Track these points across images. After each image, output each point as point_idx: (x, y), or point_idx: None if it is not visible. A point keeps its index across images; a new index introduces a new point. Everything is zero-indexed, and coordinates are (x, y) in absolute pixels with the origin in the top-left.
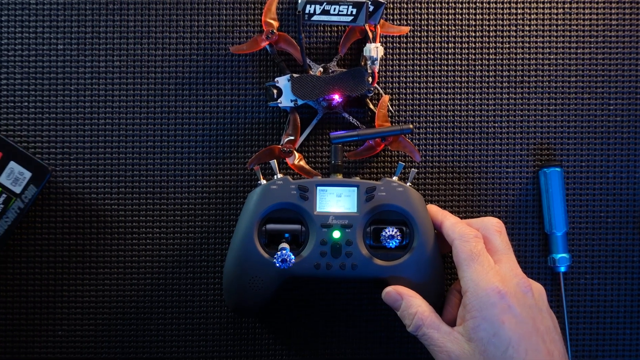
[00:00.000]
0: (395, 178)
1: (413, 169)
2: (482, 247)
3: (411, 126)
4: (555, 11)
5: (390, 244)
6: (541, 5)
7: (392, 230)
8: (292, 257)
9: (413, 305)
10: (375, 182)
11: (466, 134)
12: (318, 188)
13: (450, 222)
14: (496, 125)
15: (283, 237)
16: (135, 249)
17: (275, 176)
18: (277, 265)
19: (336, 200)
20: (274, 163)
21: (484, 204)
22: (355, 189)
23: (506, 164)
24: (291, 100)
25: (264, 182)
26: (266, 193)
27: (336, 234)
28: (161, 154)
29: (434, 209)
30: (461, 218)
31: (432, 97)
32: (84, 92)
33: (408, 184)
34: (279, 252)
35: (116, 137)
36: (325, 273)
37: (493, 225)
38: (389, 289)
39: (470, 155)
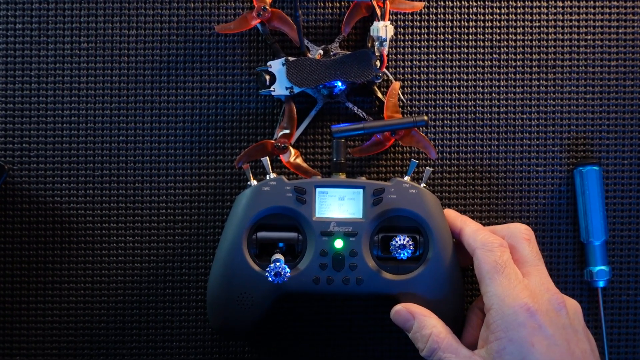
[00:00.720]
0: (407, 178)
1: (428, 168)
2: (508, 258)
3: (426, 118)
4: None
5: (402, 255)
6: None
7: (404, 239)
8: (288, 270)
9: (427, 326)
10: (383, 182)
11: (489, 127)
12: (317, 190)
13: (471, 229)
14: (524, 116)
15: (277, 247)
16: (105, 261)
17: (267, 176)
18: (270, 279)
19: (338, 204)
20: (266, 161)
21: (510, 208)
22: (361, 190)
23: (536, 161)
24: (286, 88)
25: (254, 182)
26: (257, 196)
27: (338, 244)
28: (135, 151)
29: (452, 214)
30: (484, 224)
31: (450, 84)
32: (45, 79)
33: (422, 185)
34: (272, 265)
35: (83, 131)
36: (326, 289)
37: (521, 233)
38: (399, 307)
39: (494, 151)
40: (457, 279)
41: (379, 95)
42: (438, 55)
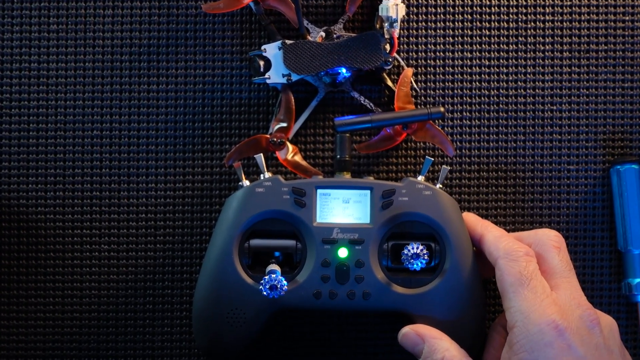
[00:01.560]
0: (421, 178)
1: (444, 166)
2: (535, 269)
3: (442, 109)
4: None
5: (415, 266)
6: None
7: (417, 247)
8: (285, 283)
9: (438, 350)
10: (394, 183)
11: (514, 121)
12: (318, 191)
13: (493, 236)
14: (554, 108)
15: (272, 257)
16: (77, 272)
17: (261, 175)
18: (265, 293)
19: (342, 208)
20: (260, 158)
21: (538, 212)
22: (368, 192)
23: (567, 159)
24: (283, 75)
25: (246, 183)
26: (250, 198)
27: (342, 253)
28: (110, 147)
29: (471, 218)
30: (507, 231)
31: (469, 70)
32: (9, 65)
33: (438, 185)
34: (267, 277)
35: (52, 125)
36: (329, 304)
37: (550, 240)
38: (407, 330)
39: (520, 147)
40: (478, 293)
41: (389, 83)
42: (456, 38)
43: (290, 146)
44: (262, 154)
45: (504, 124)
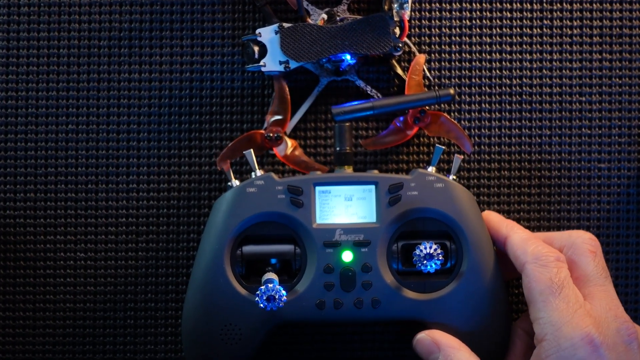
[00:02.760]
0: (431, 169)
1: (457, 155)
2: (567, 275)
3: (452, 91)
4: None
5: (428, 268)
6: None
7: (430, 247)
8: (283, 293)
9: None
10: (402, 176)
11: (539, 113)
12: (317, 189)
13: (519, 238)
14: (583, 100)
15: (268, 264)
16: (50, 283)
17: (252, 173)
18: (262, 306)
19: (345, 206)
20: (251, 154)
21: (566, 215)
22: (373, 187)
23: (598, 156)
24: (280, 63)
25: (236, 183)
26: (240, 199)
27: (347, 256)
28: (87, 144)
29: (494, 218)
30: (534, 231)
31: (488, 57)
32: None
33: (451, 177)
34: (263, 287)
35: (22, 119)
36: (334, 315)
37: (584, 243)
38: (422, 335)
39: (545, 144)
40: (501, 298)
41: (399, 71)
42: (474, 21)
43: (289, 141)
44: (252, 150)
45: (528, 116)
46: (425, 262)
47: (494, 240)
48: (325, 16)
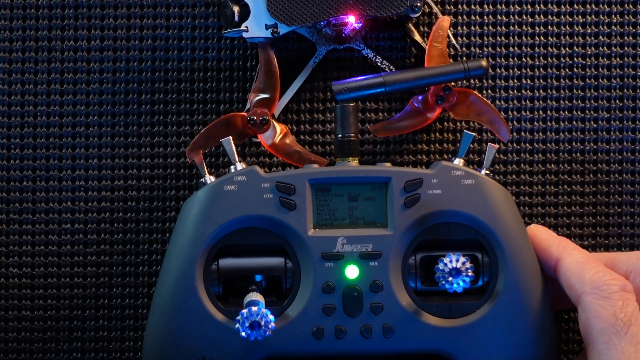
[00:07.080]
0: (458, 161)
1: (491, 145)
2: (635, 309)
3: (484, 63)
4: None
5: (455, 286)
6: None
7: (457, 260)
8: (271, 318)
9: None
10: (421, 170)
11: (595, 91)
12: (314, 186)
13: (575, 261)
14: None
15: (252, 282)
16: None
17: (232, 167)
18: (244, 335)
19: (349, 209)
20: (229, 142)
21: (628, 231)
22: (384, 184)
23: None
24: (267, 27)
25: (211, 179)
26: (216, 200)
27: (352, 272)
28: (23, 129)
29: (543, 234)
30: (590, 250)
31: (530, 20)
32: None
33: (484, 171)
34: (245, 311)
35: None
36: (334, 346)
37: None
38: None
39: (604, 128)
40: (547, 325)
41: (417, 38)
42: None
43: (277, 126)
44: (230, 137)
45: (580, 95)
46: (450, 279)
47: (542, 263)
48: None
